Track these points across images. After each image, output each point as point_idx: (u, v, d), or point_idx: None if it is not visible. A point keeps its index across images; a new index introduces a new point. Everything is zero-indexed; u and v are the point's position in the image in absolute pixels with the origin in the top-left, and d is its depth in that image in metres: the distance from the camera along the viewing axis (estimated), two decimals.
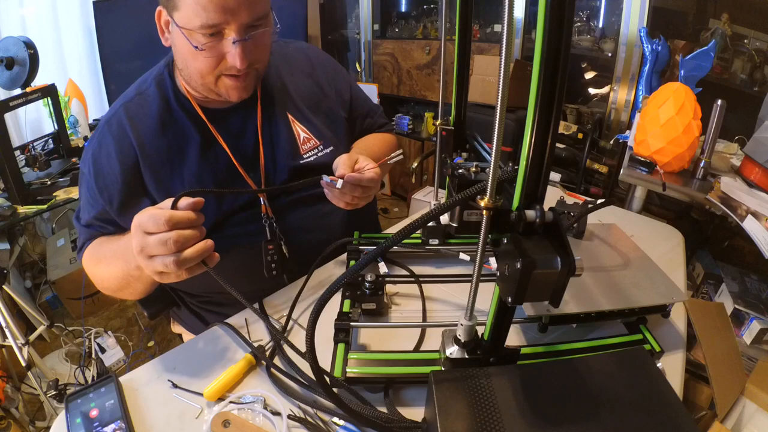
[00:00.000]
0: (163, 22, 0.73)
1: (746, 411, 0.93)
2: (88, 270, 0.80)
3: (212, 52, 0.70)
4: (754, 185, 1.20)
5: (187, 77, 0.77)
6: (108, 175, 0.77)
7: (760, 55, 1.77)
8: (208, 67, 0.72)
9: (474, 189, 0.45)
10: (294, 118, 0.88)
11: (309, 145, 0.89)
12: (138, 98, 0.81)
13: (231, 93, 0.76)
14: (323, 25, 3.13)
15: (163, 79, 0.82)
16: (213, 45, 0.69)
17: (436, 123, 0.78)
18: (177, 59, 0.77)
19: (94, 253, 0.80)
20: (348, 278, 0.45)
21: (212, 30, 0.67)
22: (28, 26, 2.09)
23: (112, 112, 0.81)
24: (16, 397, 1.45)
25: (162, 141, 0.79)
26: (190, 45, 0.69)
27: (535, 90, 0.40)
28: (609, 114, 2.15)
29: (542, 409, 0.46)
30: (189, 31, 0.68)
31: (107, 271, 0.75)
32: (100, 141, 0.79)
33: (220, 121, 0.82)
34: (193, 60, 0.72)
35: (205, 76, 0.73)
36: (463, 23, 0.70)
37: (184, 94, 0.81)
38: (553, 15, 0.37)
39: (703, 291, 1.46)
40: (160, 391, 0.63)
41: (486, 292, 0.51)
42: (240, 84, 0.75)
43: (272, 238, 0.83)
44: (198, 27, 0.67)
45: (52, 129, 1.89)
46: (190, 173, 0.80)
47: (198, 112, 0.81)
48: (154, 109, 0.80)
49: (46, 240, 2.22)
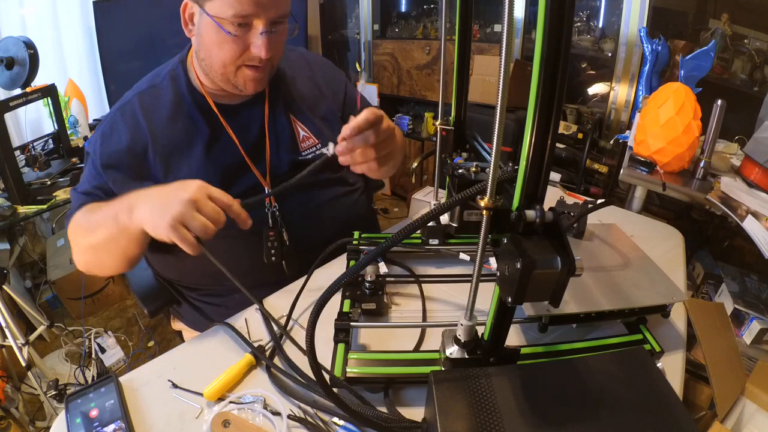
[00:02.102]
0: (188, 15, 0.78)
1: (746, 411, 0.93)
2: (72, 237, 0.80)
3: (238, 42, 0.75)
4: (754, 185, 1.20)
5: (208, 67, 0.81)
6: (115, 153, 0.81)
7: (760, 55, 1.77)
8: (232, 57, 0.77)
9: (474, 189, 0.45)
10: (295, 118, 0.92)
11: (308, 143, 0.93)
12: (151, 90, 0.86)
13: (248, 84, 0.80)
14: (323, 25, 3.13)
15: (177, 74, 0.87)
16: (241, 35, 0.75)
17: (436, 123, 0.78)
18: (200, 50, 0.80)
19: (81, 218, 0.79)
20: (348, 278, 0.45)
21: (243, 20, 0.73)
22: (28, 26, 2.09)
23: (125, 101, 0.85)
24: (16, 397, 1.45)
25: (173, 131, 0.83)
26: (218, 34, 0.74)
27: (535, 90, 0.40)
28: (609, 114, 2.15)
29: (542, 409, 0.46)
30: (220, 20, 0.73)
31: (91, 236, 0.75)
32: (111, 125, 0.83)
33: (231, 115, 0.87)
34: (219, 49, 0.77)
35: (228, 65, 0.78)
36: (463, 23, 0.70)
37: (197, 88, 0.86)
38: (553, 15, 0.37)
39: (703, 291, 1.46)
40: (160, 391, 0.63)
41: (486, 292, 0.51)
42: (258, 75, 0.80)
43: (273, 226, 0.87)
44: (231, 16, 0.72)
45: (52, 129, 1.89)
46: (198, 163, 0.84)
47: (210, 105, 0.85)
48: (167, 101, 0.84)
49: (46, 240, 2.22)
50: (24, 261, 2.12)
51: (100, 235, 0.73)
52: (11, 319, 1.36)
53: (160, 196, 0.66)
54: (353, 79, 3.04)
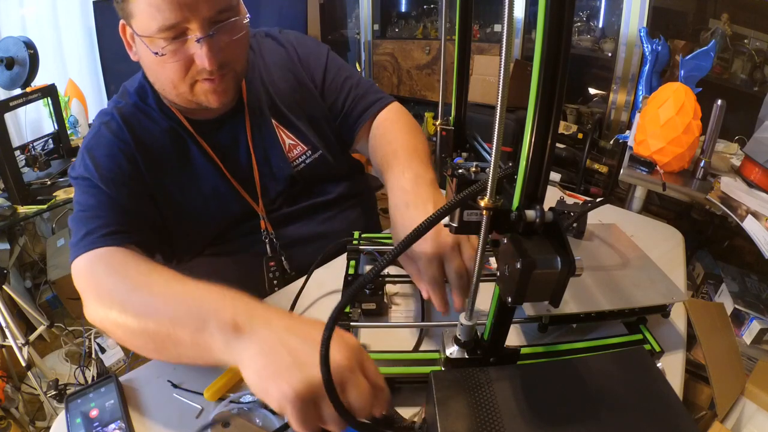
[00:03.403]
0: (129, 36, 0.67)
1: (746, 411, 0.93)
2: (94, 299, 0.57)
3: (177, 57, 0.63)
4: (754, 185, 1.20)
5: (161, 90, 0.71)
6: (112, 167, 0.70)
7: (760, 55, 1.77)
8: (178, 75, 0.65)
9: (474, 189, 0.45)
10: (278, 124, 0.82)
11: (296, 152, 0.84)
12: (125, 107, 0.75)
13: (210, 98, 0.68)
14: (323, 25, 3.13)
15: (145, 92, 0.76)
16: (177, 48, 0.63)
17: (436, 123, 0.77)
18: (147, 73, 0.71)
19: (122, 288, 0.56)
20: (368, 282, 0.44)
21: (173, 32, 0.61)
22: (28, 26, 2.09)
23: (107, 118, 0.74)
24: (16, 397, 1.45)
25: (161, 150, 0.75)
26: (152, 53, 0.62)
27: (535, 90, 0.40)
28: (609, 114, 2.15)
29: (542, 409, 0.46)
30: (149, 39, 0.62)
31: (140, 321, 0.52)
32: (98, 139, 0.73)
33: (209, 135, 0.78)
34: (161, 69, 0.65)
35: (178, 85, 0.67)
36: (463, 23, 0.70)
37: (168, 107, 0.76)
38: (553, 15, 0.37)
39: (703, 291, 1.46)
40: (160, 391, 0.62)
41: (486, 292, 0.51)
42: (218, 87, 0.67)
43: (273, 254, 0.82)
44: (156, 31, 0.61)
45: (52, 129, 1.89)
46: (189, 183, 0.77)
47: (186, 126, 0.75)
48: (142, 120, 0.75)
49: (46, 240, 2.22)
50: (24, 261, 2.12)
51: (155, 327, 0.50)
52: (11, 319, 1.36)
53: (293, 349, 0.43)
54: None
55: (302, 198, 0.87)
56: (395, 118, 0.88)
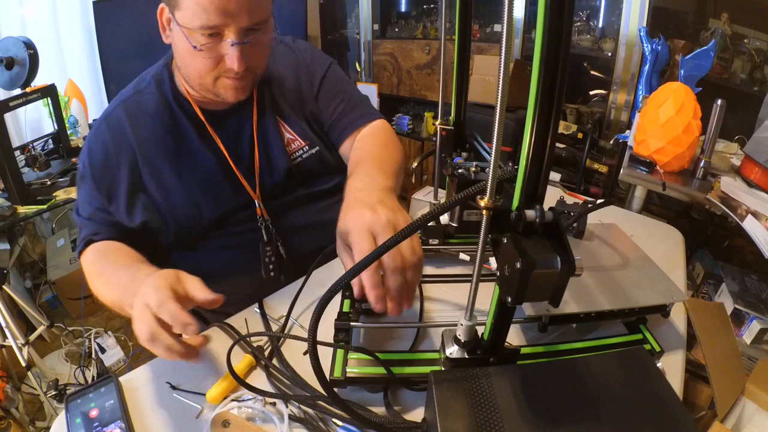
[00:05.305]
0: (165, 20, 0.73)
1: (746, 411, 0.93)
2: (87, 274, 0.77)
3: (211, 53, 0.70)
4: (754, 185, 1.20)
5: (186, 76, 0.77)
6: (106, 171, 0.78)
7: (760, 55, 1.77)
8: (207, 68, 0.72)
9: (474, 189, 0.45)
10: (280, 119, 0.88)
11: (295, 145, 0.88)
12: (136, 96, 0.81)
13: (229, 93, 0.76)
14: (323, 25, 3.13)
15: (162, 78, 0.82)
16: (212, 46, 0.69)
17: (436, 123, 0.78)
18: (177, 57, 0.77)
19: (96, 263, 0.76)
20: (349, 278, 0.45)
21: (212, 31, 0.68)
22: (28, 26, 2.09)
23: (110, 110, 0.81)
24: (16, 397, 1.45)
25: (160, 140, 0.80)
26: (190, 45, 0.69)
27: (535, 90, 0.40)
28: (609, 114, 2.15)
29: (542, 409, 0.46)
30: (189, 31, 0.68)
31: (105, 290, 0.71)
32: (98, 138, 0.80)
33: (218, 122, 0.83)
34: (192, 60, 0.72)
35: (204, 76, 0.74)
36: (463, 23, 0.70)
37: (183, 94, 0.81)
38: (553, 15, 0.37)
39: (703, 291, 1.46)
40: (160, 391, 0.63)
41: (486, 292, 0.51)
42: (238, 85, 0.75)
43: (269, 241, 0.84)
44: (198, 27, 0.67)
45: (52, 129, 1.89)
46: (188, 172, 0.81)
47: (197, 113, 0.81)
48: (152, 108, 0.80)
49: (46, 240, 2.22)
50: (24, 261, 2.12)
51: (111, 297, 0.68)
52: (11, 319, 1.36)
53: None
54: (353, 79, 3.04)
55: (299, 188, 0.90)
56: (376, 133, 0.92)
